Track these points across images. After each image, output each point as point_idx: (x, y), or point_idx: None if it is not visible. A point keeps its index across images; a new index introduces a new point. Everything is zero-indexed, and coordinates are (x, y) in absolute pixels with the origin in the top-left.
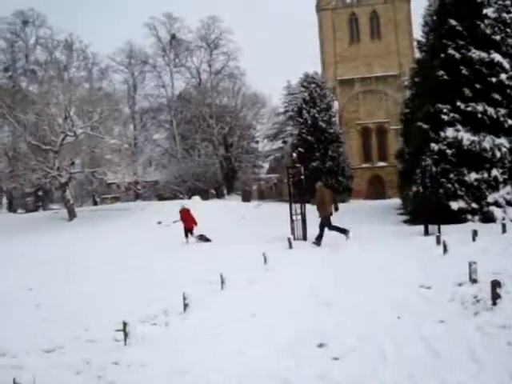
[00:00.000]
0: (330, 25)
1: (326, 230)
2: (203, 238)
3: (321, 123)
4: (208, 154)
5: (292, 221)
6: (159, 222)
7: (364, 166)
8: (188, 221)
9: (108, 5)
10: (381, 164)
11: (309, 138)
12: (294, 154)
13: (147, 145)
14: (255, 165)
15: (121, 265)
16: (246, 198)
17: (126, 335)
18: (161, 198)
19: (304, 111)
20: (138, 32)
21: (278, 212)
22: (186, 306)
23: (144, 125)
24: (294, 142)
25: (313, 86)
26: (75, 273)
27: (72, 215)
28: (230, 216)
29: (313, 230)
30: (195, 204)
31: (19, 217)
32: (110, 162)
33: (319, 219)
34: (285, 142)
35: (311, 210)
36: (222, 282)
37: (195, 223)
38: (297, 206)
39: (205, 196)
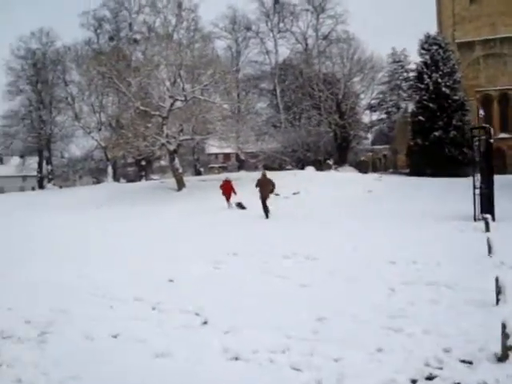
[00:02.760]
0: None
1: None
2: (240, 206)
3: (444, 89)
4: (319, 122)
5: (475, 196)
6: (277, 194)
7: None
8: (227, 190)
9: None
10: (502, 135)
11: (430, 105)
12: (482, 112)
13: (249, 114)
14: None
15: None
16: (363, 169)
17: None
18: (267, 168)
19: (425, 76)
20: None
21: (406, 185)
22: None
23: (246, 93)
24: (413, 110)
25: (435, 47)
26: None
27: (181, 185)
28: (354, 189)
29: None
30: (311, 175)
31: (126, 186)
32: (215, 130)
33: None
34: (388, 113)
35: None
36: (500, 292)
37: (234, 193)
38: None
39: (318, 167)
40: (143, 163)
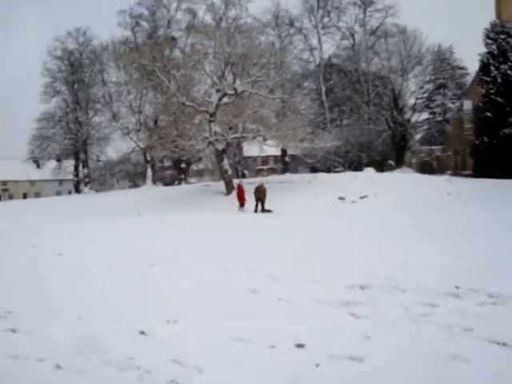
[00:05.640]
0: None
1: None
2: (266, 211)
3: None
4: (372, 120)
5: None
6: (341, 198)
7: None
8: (242, 193)
9: None
10: None
11: (498, 99)
12: None
13: (291, 114)
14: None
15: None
16: (426, 170)
17: None
18: (314, 169)
19: (491, 68)
20: None
21: (486, 188)
22: None
23: (291, 92)
24: (478, 106)
25: (502, 36)
26: None
27: (230, 188)
28: (428, 191)
29: None
30: (373, 176)
31: (167, 190)
32: (269, 126)
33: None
34: (433, 114)
35: None
36: None
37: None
38: None
39: (377, 168)
40: (183, 165)
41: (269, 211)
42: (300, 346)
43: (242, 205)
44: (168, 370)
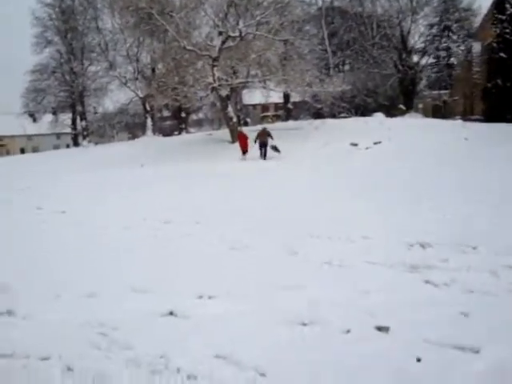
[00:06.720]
0: None
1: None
2: (275, 149)
3: None
4: (378, 64)
5: None
6: (354, 144)
7: None
8: (244, 141)
9: None
10: None
11: None
12: None
13: (297, 58)
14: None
15: None
16: (437, 114)
17: None
18: (318, 116)
19: (507, 5)
20: None
21: (504, 133)
22: None
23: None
24: (492, 46)
25: None
26: None
27: (235, 136)
28: (444, 136)
29: None
30: (384, 121)
31: (169, 140)
32: (276, 70)
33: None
34: (437, 58)
35: None
36: None
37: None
38: None
39: (386, 113)
40: (183, 115)
41: (277, 151)
42: (383, 329)
43: (243, 152)
44: (217, 372)
